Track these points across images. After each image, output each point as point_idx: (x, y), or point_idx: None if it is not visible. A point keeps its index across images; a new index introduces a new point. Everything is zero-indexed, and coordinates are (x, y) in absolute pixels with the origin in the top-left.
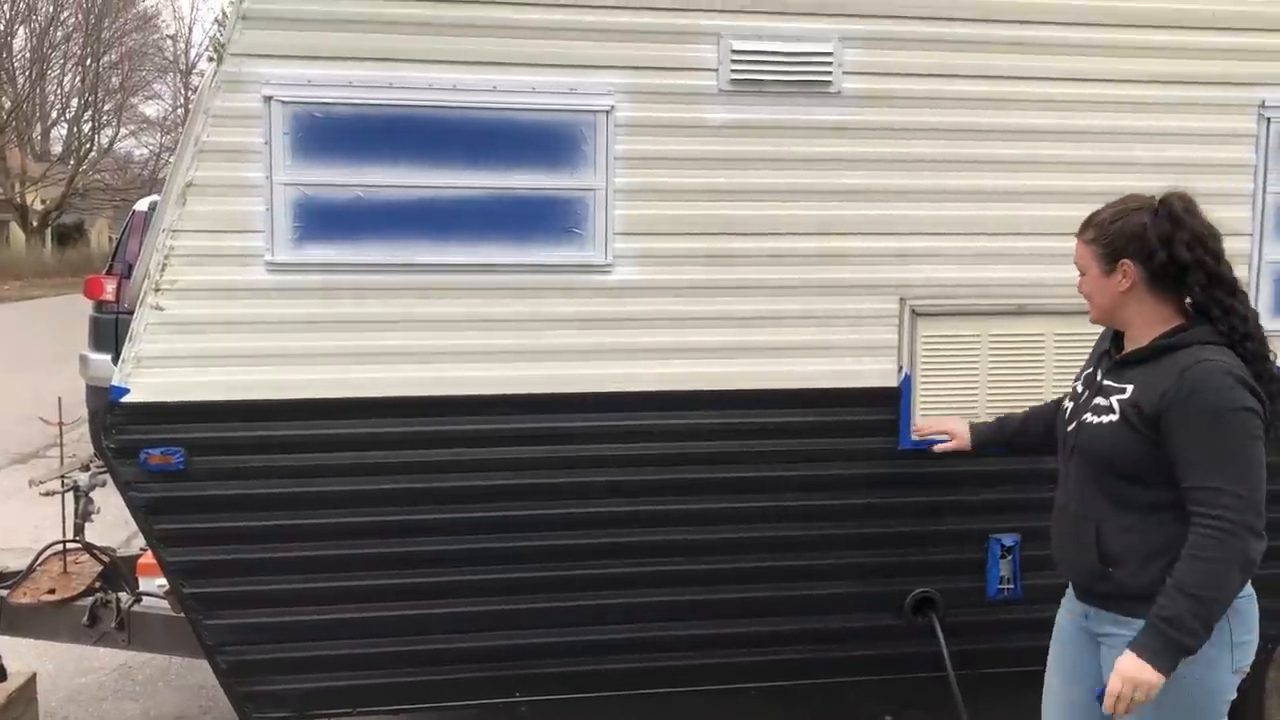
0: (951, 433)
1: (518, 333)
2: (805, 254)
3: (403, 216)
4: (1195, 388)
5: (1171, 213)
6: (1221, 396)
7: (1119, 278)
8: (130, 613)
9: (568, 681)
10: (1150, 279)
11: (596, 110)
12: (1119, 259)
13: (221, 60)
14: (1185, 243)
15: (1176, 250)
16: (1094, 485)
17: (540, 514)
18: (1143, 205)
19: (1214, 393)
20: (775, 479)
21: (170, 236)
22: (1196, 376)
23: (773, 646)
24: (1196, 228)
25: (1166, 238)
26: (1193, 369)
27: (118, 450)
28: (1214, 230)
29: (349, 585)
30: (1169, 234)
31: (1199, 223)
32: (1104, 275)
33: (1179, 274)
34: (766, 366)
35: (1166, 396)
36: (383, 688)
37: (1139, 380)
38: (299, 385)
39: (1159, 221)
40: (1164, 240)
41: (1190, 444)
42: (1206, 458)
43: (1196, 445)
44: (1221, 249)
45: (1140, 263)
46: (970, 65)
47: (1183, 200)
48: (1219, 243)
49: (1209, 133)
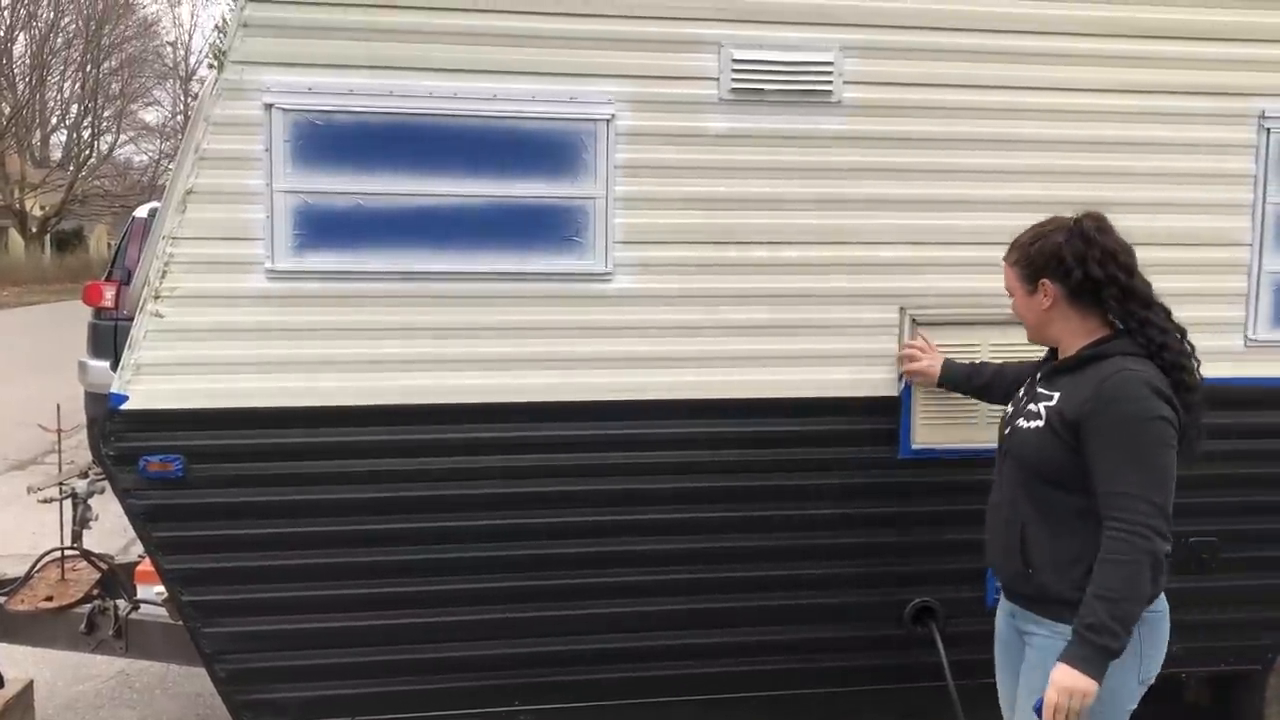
0: (923, 372)
1: (518, 341)
2: (806, 263)
3: (403, 224)
4: (1114, 397)
5: (1084, 232)
6: (1137, 406)
7: (1041, 296)
8: (128, 620)
9: (569, 690)
10: (1070, 296)
11: (597, 119)
12: (1039, 279)
13: (222, 68)
14: (1097, 260)
15: (1090, 268)
16: (1023, 490)
17: (540, 522)
18: (1059, 226)
19: (1130, 402)
20: (776, 488)
21: (170, 244)
22: (1115, 385)
23: (772, 655)
24: (1108, 245)
25: (1080, 256)
26: (1112, 378)
27: (117, 457)
28: (1126, 247)
29: (348, 593)
30: (1082, 253)
31: (1111, 240)
32: (1028, 295)
33: (1095, 290)
34: (767, 375)
35: (1086, 404)
36: (381, 696)
37: (1065, 388)
38: (299, 393)
39: (1073, 241)
40: (1078, 259)
41: (1105, 450)
42: (1120, 464)
43: (1111, 451)
44: (1134, 264)
45: (1058, 281)
46: (970, 76)
47: (1095, 220)
48: (1131, 258)
49: (1209, 143)
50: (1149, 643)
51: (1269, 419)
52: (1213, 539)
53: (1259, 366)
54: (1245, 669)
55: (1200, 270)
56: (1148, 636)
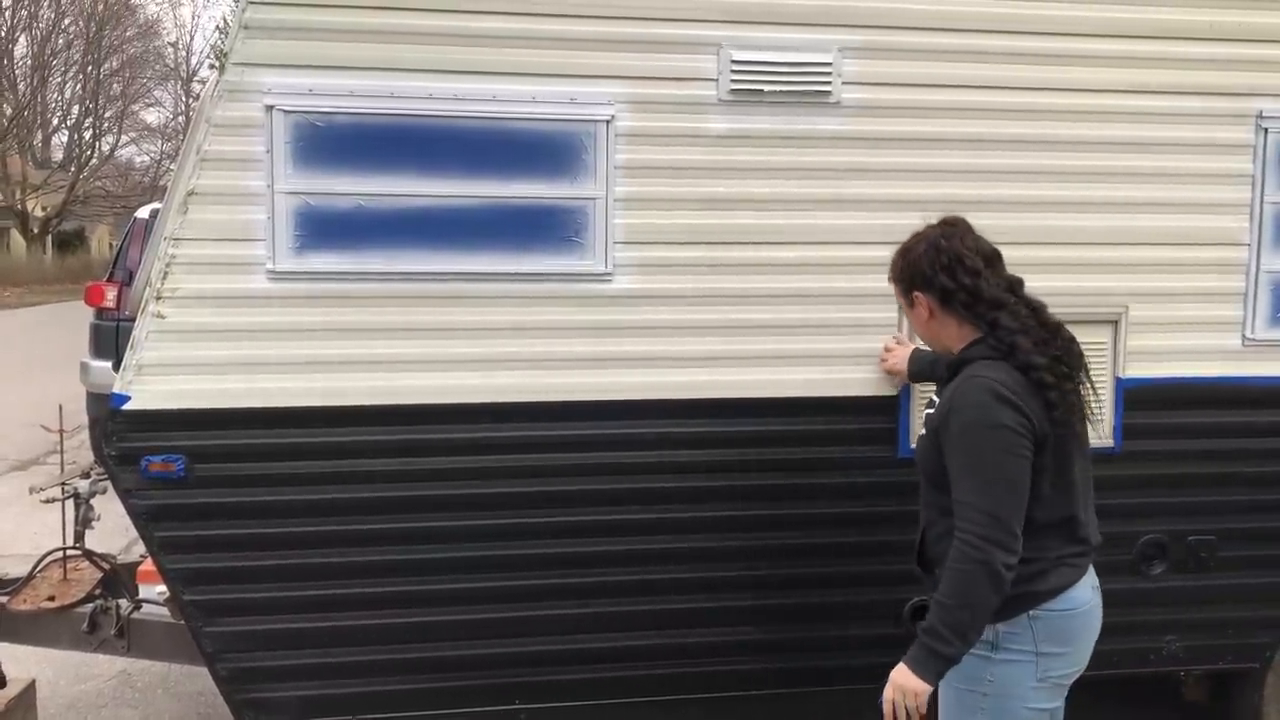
0: (893, 369)
1: (518, 341)
2: (805, 263)
3: (403, 225)
4: (958, 406)
5: (933, 241)
6: (977, 413)
7: (921, 309)
8: (130, 620)
9: (567, 689)
10: (941, 304)
11: (597, 120)
12: (912, 291)
13: (223, 69)
14: (944, 267)
15: (938, 277)
16: (924, 494)
17: (539, 521)
18: (921, 238)
19: (971, 409)
20: (775, 487)
21: (172, 244)
22: (960, 394)
23: (771, 654)
24: (954, 250)
25: (933, 265)
26: (960, 386)
27: (119, 457)
28: (978, 249)
29: (349, 593)
30: (934, 260)
31: (957, 245)
32: (910, 309)
33: (946, 299)
34: (766, 375)
35: (941, 412)
36: (382, 695)
37: (942, 396)
38: (300, 393)
39: (929, 251)
40: (934, 267)
41: (952, 458)
42: (962, 472)
43: (955, 459)
44: (979, 266)
45: (926, 291)
46: (968, 76)
47: (946, 226)
48: (978, 261)
49: (1207, 143)
50: (1047, 640)
51: (1267, 418)
52: (1211, 538)
53: (1257, 365)
54: (1243, 667)
55: (1198, 270)
56: (1044, 634)
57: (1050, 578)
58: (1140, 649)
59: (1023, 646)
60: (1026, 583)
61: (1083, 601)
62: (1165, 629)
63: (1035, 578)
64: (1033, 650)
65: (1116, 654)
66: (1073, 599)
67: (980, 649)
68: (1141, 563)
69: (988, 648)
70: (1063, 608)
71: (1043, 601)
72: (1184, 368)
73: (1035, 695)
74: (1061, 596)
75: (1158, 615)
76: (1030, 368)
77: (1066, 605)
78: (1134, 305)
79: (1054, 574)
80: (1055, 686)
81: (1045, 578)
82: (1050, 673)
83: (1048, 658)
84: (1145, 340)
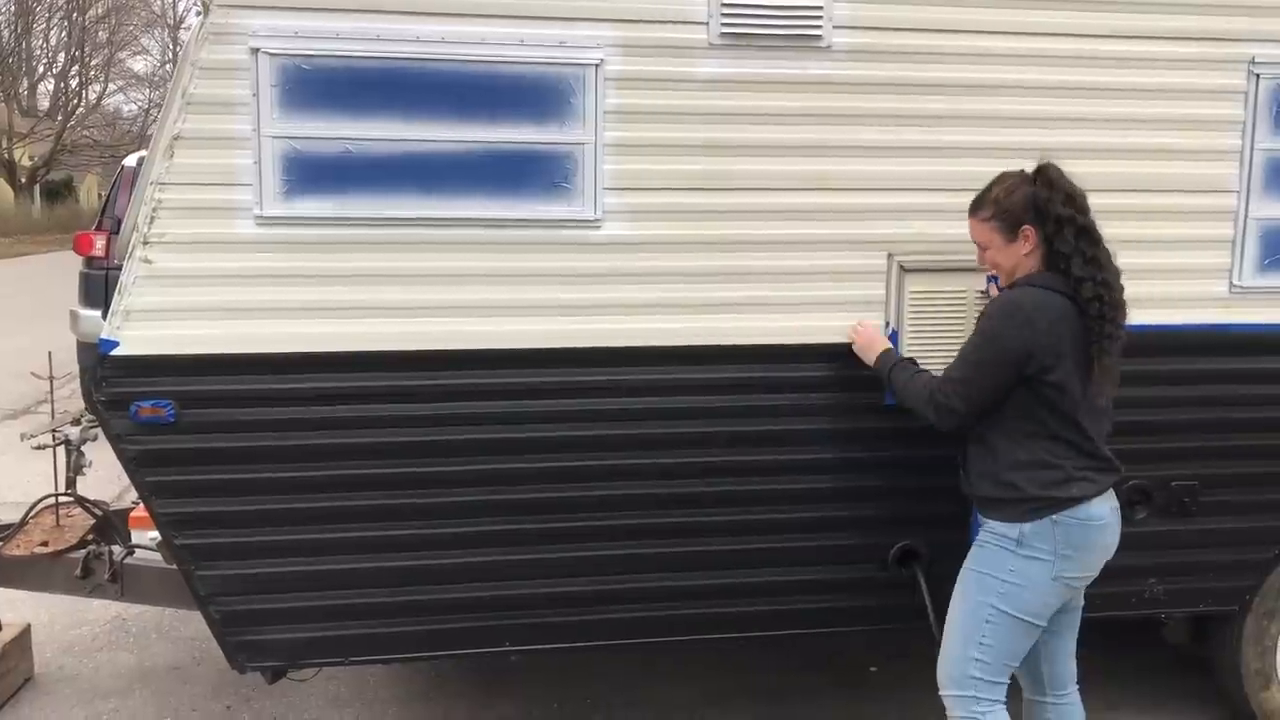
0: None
1: (506, 287)
2: (795, 209)
3: (391, 170)
4: (989, 310)
5: (1049, 178)
6: (992, 322)
7: (1022, 242)
8: (123, 565)
9: (558, 631)
10: (1044, 238)
11: (586, 64)
12: (1020, 226)
13: (208, 12)
14: (1061, 201)
15: (1057, 209)
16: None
17: (529, 467)
18: (1021, 178)
19: (994, 316)
20: (764, 433)
21: (158, 189)
22: (996, 302)
23: (760, 597)
24: (1068, 188)
25: (1048, 200)
26: (1000, 297)
27: (108, 403)
28: (1081, 190)
29: (340, 537)
30: (1048, 196)
31: (1068, 184)
32: (1008, 244)
33: (1059, 229)
34: (755, 322)
35: None
36: (374, 637)
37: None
38: (287, 339)
39: (1040, 189)
40: (1048, 202)
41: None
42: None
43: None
44: (1088, 206)
45: (1037, 225)
46: (960, 20)
47: (1055, 169)
48: (1085, 200)
49: (1198, 89)
50: (1065, 544)
51: (1253, 364)
52: (1194, 483)
53: (1244, 313)
54: (1223, 610)
55: (1187, 216)
56: (1063, 539)
57: (1071, 488)
58: (1123, 593)
59: (1043, 545)
60: (1050, 487)
61: (1100, 516)
62: (1148, 573)
63: (1058, 484)
64: (1052, 551)
65: (1100, 597)
66: (1091, 513)
67: (1006, 544)
68: (1126, 508)
69: (1013, 544)
70: (1082, 517)
71: (1064, 508)
72: (1171, 315)
73: (1047, 590)
74: (1081, 507)
75: (1141, 559)
76: (1095, 299)
77: (1085, 517)
78: (1121, 252)
79: (1075, 485)
80: (1066, 586)
81: (1067, 486)
82: (1064, 574)
83: (1064, 559)
84: (1132, 287)
